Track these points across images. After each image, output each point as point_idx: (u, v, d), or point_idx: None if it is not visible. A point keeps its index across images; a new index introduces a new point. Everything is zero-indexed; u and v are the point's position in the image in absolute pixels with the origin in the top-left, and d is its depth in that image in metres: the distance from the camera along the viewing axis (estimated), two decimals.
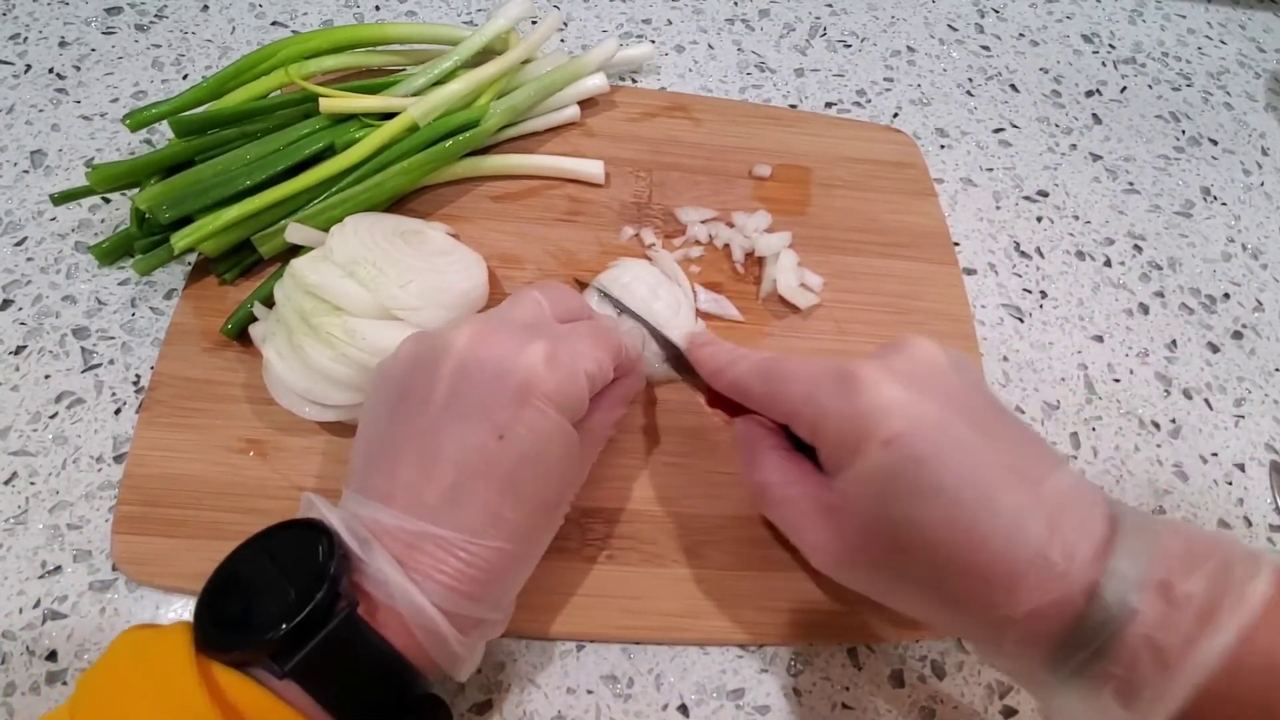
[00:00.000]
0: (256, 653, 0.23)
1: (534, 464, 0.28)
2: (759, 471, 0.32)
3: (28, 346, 0.40)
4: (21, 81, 0.49)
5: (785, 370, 0.31)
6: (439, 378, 0.28)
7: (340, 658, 0.24)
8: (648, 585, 0.36)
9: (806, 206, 0.48)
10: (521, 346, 0.28)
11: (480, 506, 0.27)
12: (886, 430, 0.26)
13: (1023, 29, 0.64)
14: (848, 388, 0.28)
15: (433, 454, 0.27)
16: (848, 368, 0.28)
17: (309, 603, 0.23)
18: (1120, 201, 0.54)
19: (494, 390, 0.27)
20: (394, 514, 0.26)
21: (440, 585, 0.26)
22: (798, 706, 0.35)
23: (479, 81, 0.45)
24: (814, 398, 0.29)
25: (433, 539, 0.26)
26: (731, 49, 0.58)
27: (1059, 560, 0.24)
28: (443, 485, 0.27)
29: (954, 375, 0.28)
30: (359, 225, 0.37)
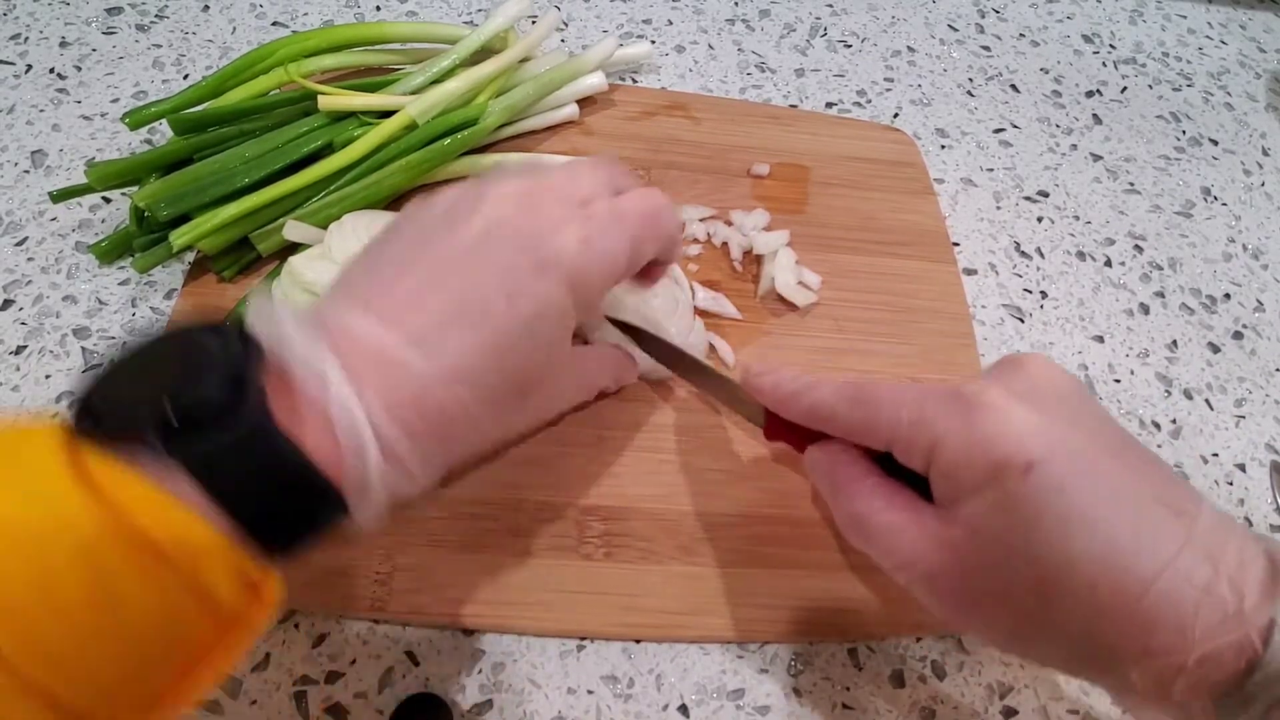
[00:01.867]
0: (137, 430, 0.20)
1: (526, 335, 0.26)
2: (853, 500, 0.29)
3: (28, 346, 0.40)
4: (22, 81, 0.49)
5: (881, 394, 0.28)
6: (474, 220, 0.27)
7: (238, 451, 0.21)
8: (645, 583, 0.36)
9: (805, 205, 0.48)
10: (561, 225, 0.27)
11: (461, 347, 0.25)
12: (1022, 457, 0.24)
13: (1023, 29, 0.64)
14: (970, 412, 0.25)
15: (436, 282, 0.25)
16: (966, 390, 0.26)
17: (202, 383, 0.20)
18: (1121, 202, 0.54)
19: (520, 253, 0.26)
20: (367, 318, 0.24)
21: (384, 406, 0.23)
22: (798, 707, 0.35)
23: (477, 80, 0.45)
24: (926, 422, 0.26)
25: (399, 361, 0.24)
26: (732, 49, 0.58)
27: (1229, 598, 0.22)
28: (434, 311, 0.25)
29: (1079, 399, 0.26)
30: (357, 223, 0.38)
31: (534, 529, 0.36)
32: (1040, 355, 0.28)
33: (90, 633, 0.18)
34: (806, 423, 0.31)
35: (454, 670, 0.34)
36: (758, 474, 0.39)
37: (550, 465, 0.38)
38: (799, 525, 0.38)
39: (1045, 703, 0.36)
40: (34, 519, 0.18)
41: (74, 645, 0.18)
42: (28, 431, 0.20)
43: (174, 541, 0.19)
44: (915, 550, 0.27)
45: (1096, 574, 0.23)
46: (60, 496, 0.18)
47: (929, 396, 0.27)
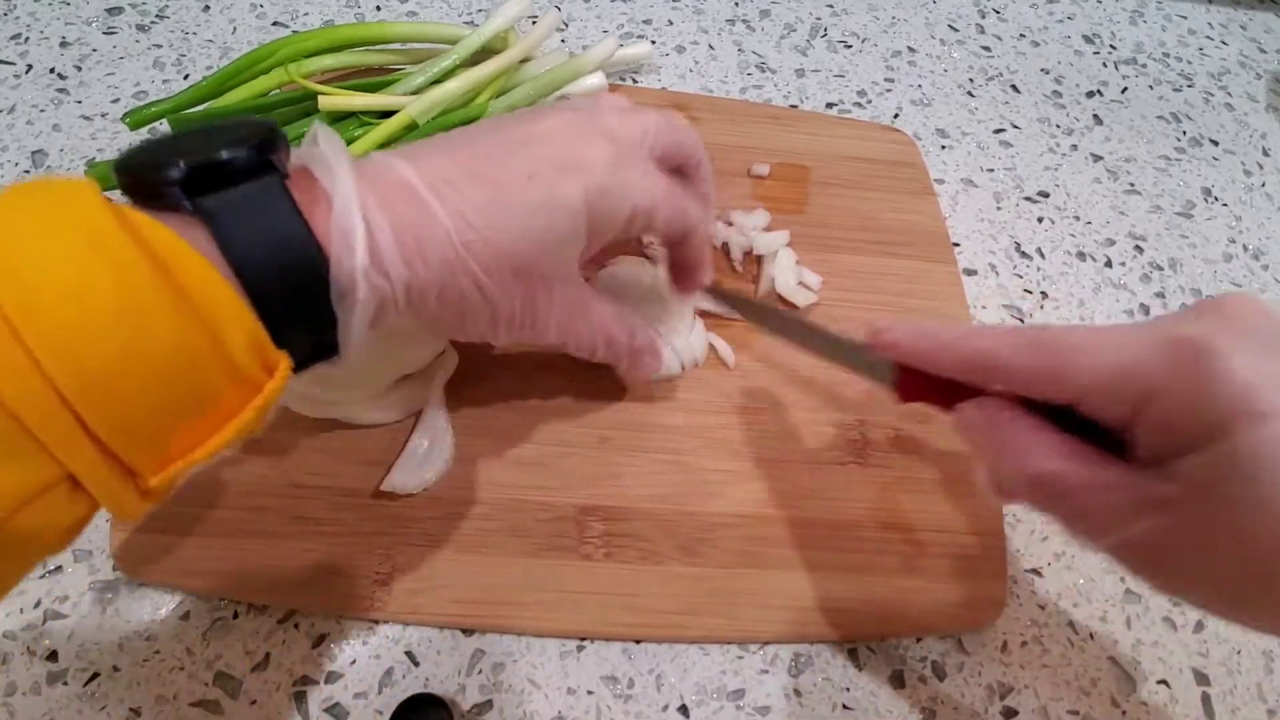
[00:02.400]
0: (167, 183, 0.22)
1: (533, 213, 0.28)
2: (1030, 459, 0.26)
3: None
4: (23, 81, 0.49)
5: (1070, 339, 0.26)
6: (520, 128, 0.29)
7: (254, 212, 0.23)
8: (645, 583, 0.36)
9: (805, 205, 0.48)
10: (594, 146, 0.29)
11: (473, 204, 0.27)
12: (1262, 403, 0.22)
13: (1023, 29, 0.64)
14: (1195, 360, 0.23)
15: (471, 158, 0.28)
16: (1183, 335, 0.23)
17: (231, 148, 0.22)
18: (1121, 202, 0.54)
19: (550, 154, 0.29)
20: (403, 163, 0.27)
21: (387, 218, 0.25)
22: (798, 707, 0.35)
23: (477, 80, 0.45)
24: (1137, 369, 0.24)
25: (415, 196, 0.26)
26: (732, 49, 0.58)
27: None
28: (459, 173, 0.27)
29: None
30: None
31: (534, 529, 0.36)
32: (1245, 295, 0.25)
33: (119, 355, 0.19)
34: (963, 373, 0.28)
35: (454, 670, 0.34)
36: (758, 474, 0.39)
37: (550, 465, 0.38)
38: (799, 525, 0.38)
39: (1045, 703, 0.36)
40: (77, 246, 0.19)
41: (104, 365, 0.19)
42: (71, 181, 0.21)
43: (198, 291, 0.20)
44: (1121, 510, 0.25)
45: None
46: (98, 219, 0.19)
47: (1131, 343, 0.25)
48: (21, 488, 0.18)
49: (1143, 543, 0.25)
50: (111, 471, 0.20)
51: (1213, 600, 0.25)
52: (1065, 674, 0.37)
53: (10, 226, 0.19)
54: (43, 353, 0.18)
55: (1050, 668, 0.37)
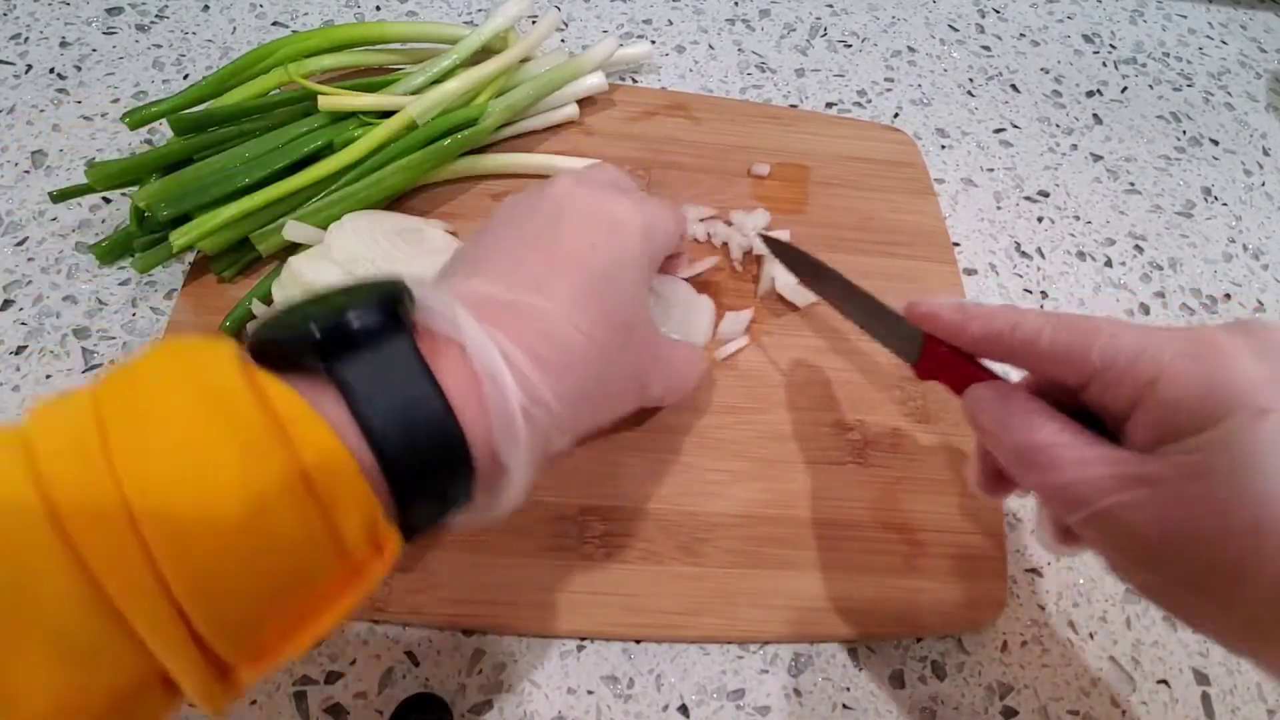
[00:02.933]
0: (300, 351, 0.21)
1: (614, 276, 0.28)
2: (1031, 433, 0.28)
3: (29, 346, 0.40)
4: (22, 81, 0.49)
5: (1096, 323, 0.27)
6: (543, 206, 0.30)
7: (385, 375, 0.22)
8: (646, 583, 0.36)
9: (805, 205, 0.48)
10: (615, 195, 0.31)
11: (566, 289, 0.27)
12: (1262, 400, 0.23)
13: (1023, 29, 0.64)
14: (1205, 352, 0.25)
15: (524, 252, 0.28)
16: (1201, 332, 0.25)
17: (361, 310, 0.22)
18: (1121, 202, 0.54)
19: (592, 215, 0.29)
20: (482, 280, 0.27)
21: (516, 342, 0.24)
22: (798, 707, 0.35)
23: (477, 80, 0.45)
24: (1150, 354, 0.25)
25: (515, 305, 0.26)
26: (732, 49, 0.58)
27: None
28: (531, 269, 0.27)
29: None
30: (358, 223, 0.38)
31: (534, 529, 0.36)
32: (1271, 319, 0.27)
33: (238, 553, 0.18)
34: (991, 344, 0.30)
35: (454, 670, 0.34)
36: (758, 474, 0.39)
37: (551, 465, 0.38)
38: (799, 525, 0.38)
39: (1045, 703, 0.36)
40: (208, 424, 0.19)
41: (221, 565, 0.18)
42: (208, 342, 0.21)
43: (322, 471, 0.20)
44: (1102, 484, 0.26)
45: None
46: (235, 405, 0.19)
47: (1153, 331, 0.26)
48: (113, 690, 0.18)
49: (1118, 517, 0.26)
50: (208, 669, 0.19)
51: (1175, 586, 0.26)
52: (1065, 674, 0.37)
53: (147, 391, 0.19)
54: (159, 547, 0.17)
55: (1050, 668, 0.37)
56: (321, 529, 0.20)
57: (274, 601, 0.20)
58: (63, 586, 0.17)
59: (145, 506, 0.17)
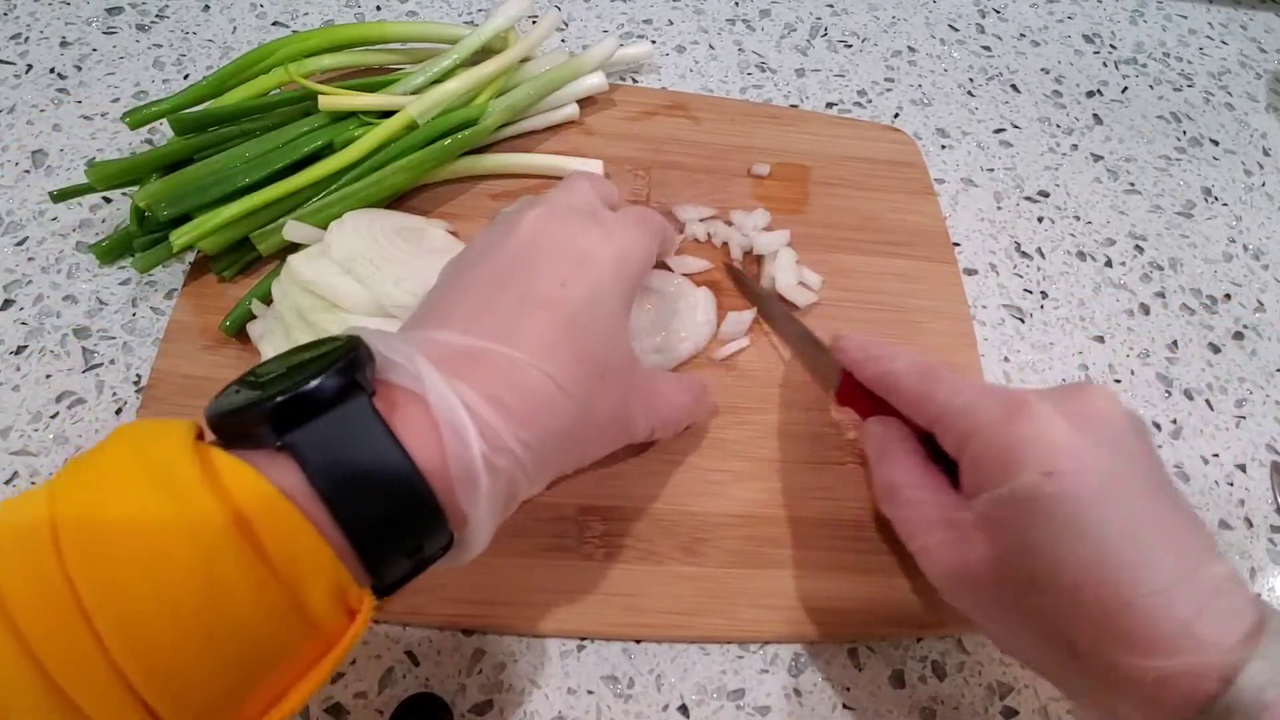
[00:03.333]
0: (254, 423, 0.21)
1: (589, 314, 0.28)
2: (891, 470, 0.32)
3: (29, 346, 0.40)
4: (23, 81, 0.49)
5: (945, 376, 0.31)
6: (512, 241, 0.29)
7: (343, 439, 0.21)
8: (646, 583, 0.36)
9: (805, 205, 0.48)
10: (586, 226, 0.30)
11: (535, 334, 0.26)
12: (1048, 464, 0.26)
13: (1024, 29, 0.64)
14: (1015, 411, 0.27)
15: (496, 287, 0.27)
16: (1018, 394, 0.28)
17: (315, 378, 0.21)
18: (1121, 202, 0.54)
19: (563, 249, 0.29)
20: (446, 331, 0.26)
21: (479, 392, 0.24)
22: (798, 707, 0.35)
23: (478, 80, 0.45)
24: (974, 410, 0.29)
25: (482, 354, 0.25)
26: (732, 49, 0.58)
27: (1204, 636, 0.24)
28: (501, 314, 0.26)
29: (1133, 436, 0.28)
30: (358, 222, 0.37)
31: (534, 529, 0.36)
32: (1104, 388, 0.29)
33: (197, 639, 0.18)
34: (877, 387, 0.33)
35: (454, 670, 0.34)
36: (758, 474, 0.39)
37: None
38: (799, 525, 0.38)
39: (1045, 703, 0.36)
40: (159, 511, 0.19)
41: (179, 652, 0.18)
42: (162, 424, 0.21)
43: (281, 545, 0.19)
44: (928, 524, 0.30)
45: (1082, 579, 0.25)
46: (185, 488, 0.19)
47: (985, 390, 0.29)
48: None
49: (932, 552, 0.30)
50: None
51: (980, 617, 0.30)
52: None
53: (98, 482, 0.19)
54: (113, 639, 0.17)
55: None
56: (285, 604, 0.20)
57: (241, 684, 0.20)
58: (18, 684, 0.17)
59: (96, 599, 0.17)
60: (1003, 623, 0.29)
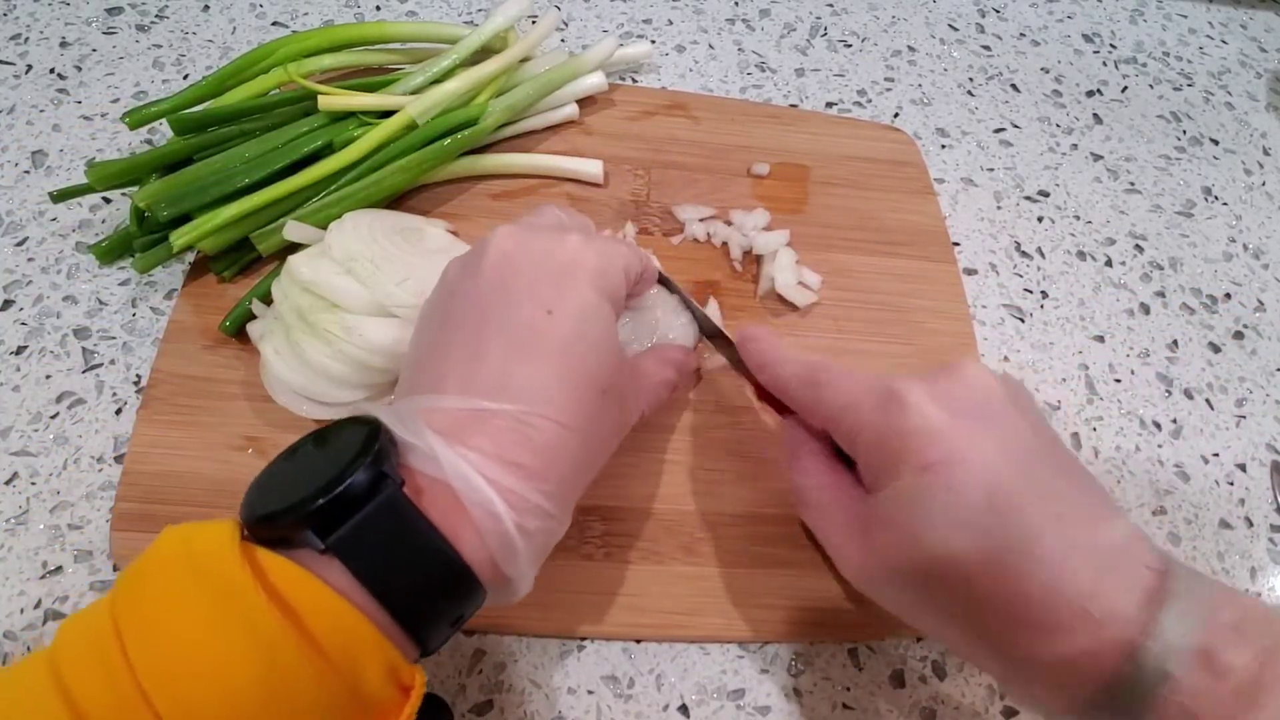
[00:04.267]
0: (296, 528, 0.22)
1: (582, 339, 0.27)
2: (799, 473, 0.33)
3: (29, 346, 0.40)
4: (22, 82, 0.49)
5: (829, 378, 0.30)
6: (483, 273, 0.28)
7: (383, 534, 0.23)
8: (646, 583, 0.36)
9: (805, 205, 0.48)
10: (559, 237, 0.29)
11: (531, 379, 0.26)
12: (922, 457, 0.26)
13: (1023, 29, 0.64)
14: (890, 406, 0.27)
15: (481, 338, 0.27)
16: (894, 386, 0.28)
17: (348, 477, 0.22)
18: (1121, 201, 0.54)
19: (539, 272, 0.28)
20: (444, 398, 0.26)
21: (495, 460, 0.24)
22: (799, 707, 0.35)
23: (477, 80, 0.45)
24: (854, 410, 0.29)
25: (486, 415, 0.25)
26: (732, 49, 0.58)
27: (1098, 614, 0.23)
28: (492, 363, 0.26)
29: (1008, 409, 0.27)
30: (358, 222, 0.37)
31: None
32: (975, 362, 0.29)
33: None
34: (776, 393, 0.33)
35: (454, 670, 0.34)
36: (758, 474, 0.39)
37: None
38: (799, 524, 0.38)
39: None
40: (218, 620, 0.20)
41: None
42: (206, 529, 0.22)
43: (336, 638, 0.21)
44: (837, 529, 0.31)
45: (974, 570, 0.25)
46: (240, 595, 0.20)
47: (862, 386, 0.29)
48: None
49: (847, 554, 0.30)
50: None
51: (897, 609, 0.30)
52: None
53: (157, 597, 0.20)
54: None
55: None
56: (343, 692, 0.21)
57: None
58: None
59: (168, 708, 0.18)
60: (920, 615, 0.29)
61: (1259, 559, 0.41)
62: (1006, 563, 0.24)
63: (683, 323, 0.40)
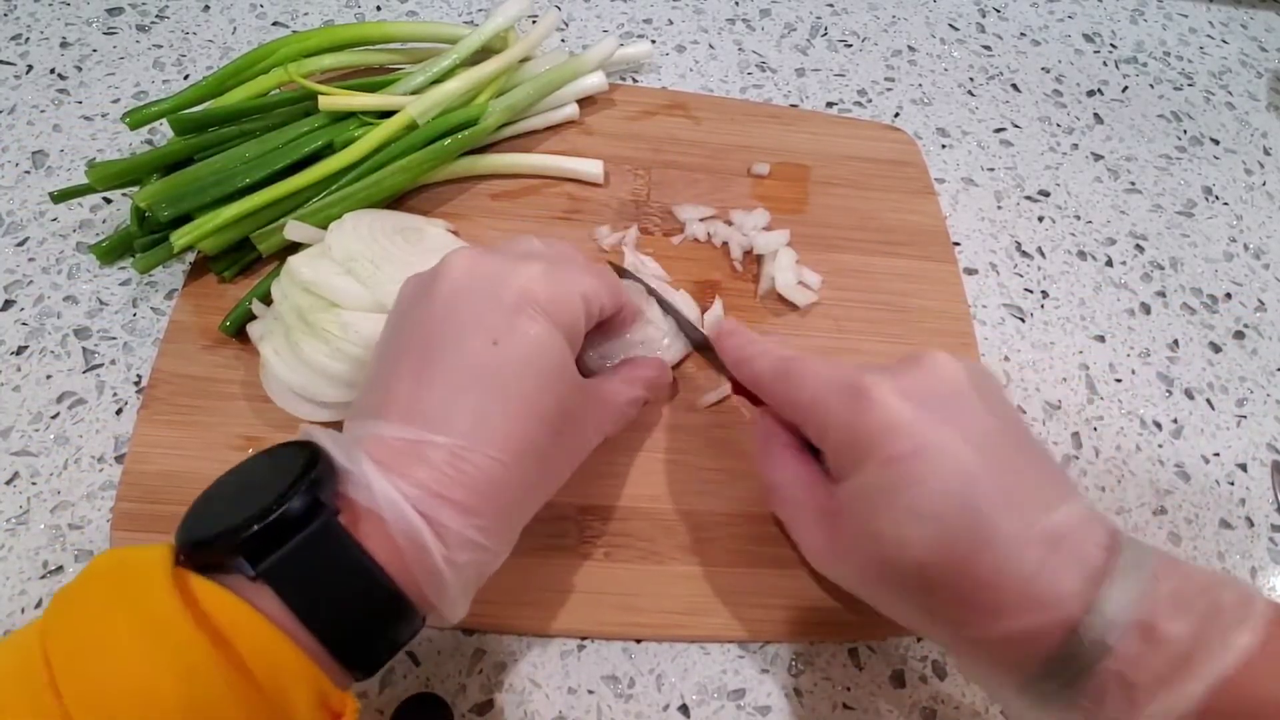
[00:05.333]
0: (229, 554, 0.22)
1: (528, 371, 0.27)
2: (769, 468, 0.33)
3: (29, 347, 0.40)
4: (23, 82, 0.49)
5: (799, 371, 0.31)
6: (435, 298, 0.28)
7: (314, 563, 0.23)
8: (645, 582, 0.36)
9: (805, 204, 0.48)
10: (516, 265, 0.29)
11: (474, 412, 0.26)
12: (886, 451, 0.26)
13: (1024, 28, 0.64)
14: (856, 400, 0.28)
15: (427, 364, 0.27)
16: (859, 381, 0.28)
17: (282, 505, 0.22)
18: (1122, 201, 0.54)
19: (489, 301, 0.28)
20: (385, 424, 0.26)
21: (428, 493, 0.24)
22: (799, 707, 0.35)
23: (478, 80, 0.45)
24: (822, 405, 0.29)
25: (425, 446, 0.25)
26: (732, 49, 0.58)
27: (1043, 593, 0.24)
28: (436, 393, 0.26)
29: (971, 397, 0.28)
30: (358, 222, 0.37)
31: (533, 529, 0.36)
32: (940, 353, 0.29)
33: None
34: (751, 388, 0.34)
35: (454, 670, 0.34)
36: (757, 473, 0.39)
37: None
38: None
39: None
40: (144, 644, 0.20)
41: None
42: (139, 554, 0.22)
43: (264, 664, 0.21)
44: (805, 518, 0.31)
45: (928, 558, 0.26)
46: (166, 618, 0.20)
47: (831, 380, 0.29)
48: None
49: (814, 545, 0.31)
50: None
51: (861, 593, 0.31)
52: None
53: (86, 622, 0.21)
54: None
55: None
56: (270, 718, 0.21)
57: None
58: None
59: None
60: (877, 597, 0.30)
61: (1259, 559, 0.41)
62: (960, 550, 0.25)
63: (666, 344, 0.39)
